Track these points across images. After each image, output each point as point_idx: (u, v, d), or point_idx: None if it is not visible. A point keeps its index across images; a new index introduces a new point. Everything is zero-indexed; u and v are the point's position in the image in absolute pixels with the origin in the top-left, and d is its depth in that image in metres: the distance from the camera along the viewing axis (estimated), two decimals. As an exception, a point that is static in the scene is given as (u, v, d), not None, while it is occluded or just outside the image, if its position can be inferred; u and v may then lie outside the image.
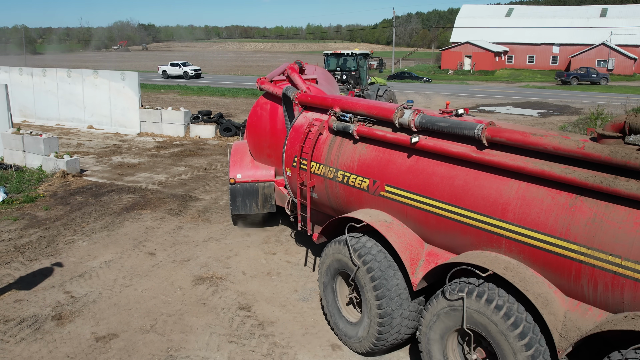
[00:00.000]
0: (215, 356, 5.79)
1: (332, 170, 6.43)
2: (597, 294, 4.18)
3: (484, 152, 4.83)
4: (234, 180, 9.13)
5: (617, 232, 3.96)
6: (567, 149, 4.21)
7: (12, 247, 8.69)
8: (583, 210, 4.17)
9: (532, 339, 4.30)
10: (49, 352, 5.83)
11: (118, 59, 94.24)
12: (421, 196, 5.35)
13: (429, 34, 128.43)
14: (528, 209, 4.49)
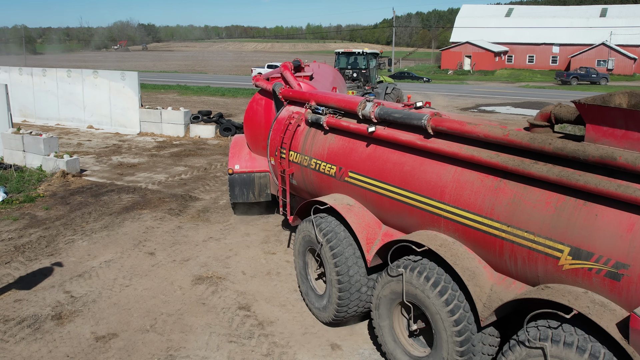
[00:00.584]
0: (214, 356, 5.80)
1: (307, 159, 7.07)
2: (517, 268, 4.61)
3: (429, 140, 5.31)
4: (232, 171, 9.58)
5: (532, 211, 4.38)
6: (494, 136, 4.66)
7: (12, 247, 8.70)
8: (505, 191, 4.62)
9: (456, 306, 4.77)
10: (49, 352, 5.84)
11: (118, 58, 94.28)
12: (377, 181, 5.88)
13: (429, 34, 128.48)
14: (461, 191, 4.97)
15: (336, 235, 6.11)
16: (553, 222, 4.26)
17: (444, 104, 31.02)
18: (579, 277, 4.16)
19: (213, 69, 69.17)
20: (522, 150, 4.49)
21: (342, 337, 6.19)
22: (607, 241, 3.97)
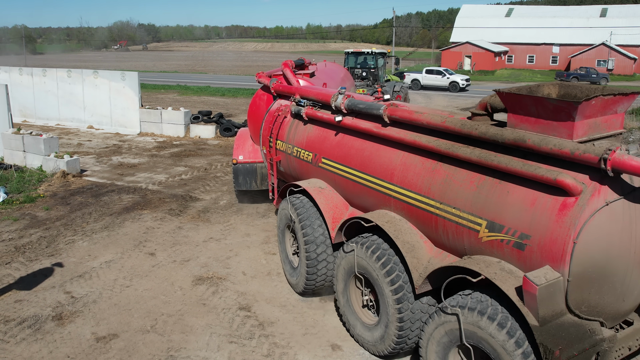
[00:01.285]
0: (215, 356, 5.80)
1: (290, 147, 7.83)
2: (449, 241, 5.17)
3: (385, 128, 5.92)
4: (236, 161, 10.15)
5: (459, 189, 4.96)
6: (434, 123, 5.26)
7: (13, 247, 8.70)
8: (440, 172, 5.22)
9: (396, 276, 5.39)
10: (50, 352, 5.84)
11: (118, 58, 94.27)
12: (344, 166, 6.56)
13: (429, 34, 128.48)
14: (406, 173, 5.59)
15: (307, 214, 6.80)
16: (474, 198, 4.81)
17: (444, 104, 31.01)
18: (494, 248, 4.66)
19: (213, 69, 69.18)
20: (456, 135, 5.07)
21: (343, 337, 6.19)
22: (514, 215, 4.47)
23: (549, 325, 4.20)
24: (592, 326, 4.38)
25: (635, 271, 4.52)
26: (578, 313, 4.38)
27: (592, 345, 4.27)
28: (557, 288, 4.19)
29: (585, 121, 4.33)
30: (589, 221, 4.11)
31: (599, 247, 4.21)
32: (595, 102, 4.28)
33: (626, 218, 4.33)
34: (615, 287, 4.45)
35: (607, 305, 4.47)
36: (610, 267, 4.33)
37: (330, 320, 6.57)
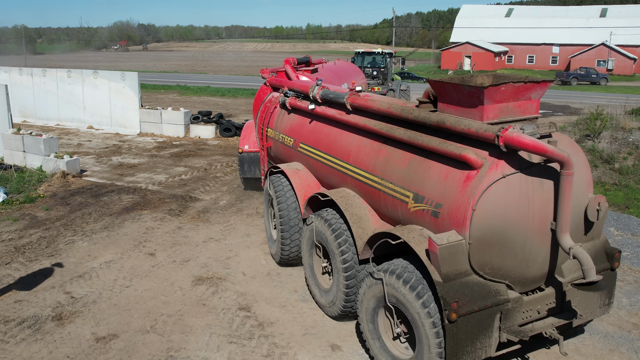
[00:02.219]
0: (215, 356, 5.81)
1: (277, 134, 8.62)
2: (389, 213, 5.83)
3: (348, 115, 6.61)
4: (242, 150, 10.88)
5: (395, 166, 5.64)
6: (382, 109, 5.93)
7: (13, 248, 8.70)
8: (383, 152, 5.90)
9: (344, 243, 6.12)
10: (49, 353, 5.85)
11: (118, 59, 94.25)
12: (315, 149, 7.31)
13: (428, 34, 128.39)
14: (359, 153, 6.28)
15: (283, 192, 7.69)
16: (405, 174, 5.48)
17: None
18: (418, 217, 5.30)
19: (213, 69, 69.17)
20: (398, 119, 5.74)
21: (342, 337, 6.19)
22: (432, 187, 5.11)
23: (452, 282, 4.73)
24: (497, 287, 4.93)
25: (535, 239, 4.93)
26: (482, 274, 4.89)
27: (495, 303, 4.83)
28: (459, 249, 4.73)
29: (496, 105, 4.87)
30: (486, 191, 4.64)
31: (496, 215, 4.71)
32: (505, 89, 4.80)
33: (523, 190, 4.77)
34: (516, 253, 4.90)
35: (511, 269, 4.96)
36: (509, 233, 4.79)
37: (330, 320, 6.57)
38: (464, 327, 4.72)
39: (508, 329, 4.99)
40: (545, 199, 4.88)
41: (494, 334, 4.92)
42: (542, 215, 4.90)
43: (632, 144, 13.75)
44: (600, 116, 14.77)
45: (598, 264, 5.28)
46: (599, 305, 5.54)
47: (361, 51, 25.44)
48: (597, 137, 14.55)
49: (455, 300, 4.61)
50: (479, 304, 4.74)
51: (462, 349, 4.76)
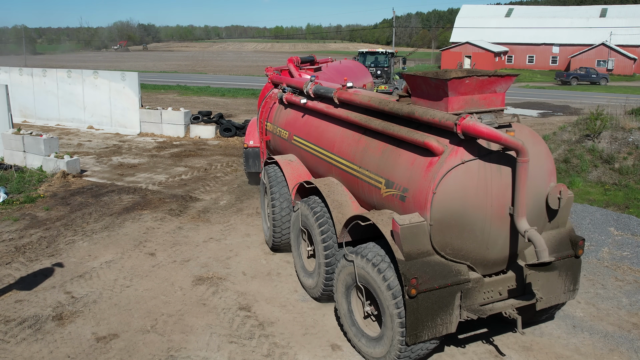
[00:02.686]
0: (215, 356, 5.81)
1: (275, 127, 9.06)
2: (366, 199, 6.20)
3: (336, 108, 6.97)
4: (247, 146, 11.21)
5: (371, 155, 6.01)
6: (363, 102, 6.28)
7: (13, 248, 8.71)
8: (362, 142, 6.27)
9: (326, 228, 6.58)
10: (50, 353, 5.85)
11: (118, 59, 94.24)
12: (307, 141, 7.70)
13: (428, 34, 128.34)
14: (342, 144, 6.68)
15: (276, 181, 8.14)
16: (379, 162, 5.83)
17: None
18: (389, 202, 5.62)
19: (213, 69, 69.17)
20: (376, 111, 6.10)
21: (343, 337, 6.20)
22: (401, 173, 5.45)
23: (414, 260, 5.09)
24: (458, 267, 5.26)
25: (494, 223, 5.22)
26: (444, 255, 5.23)
27: (455, 282, 5.18)
28: (421, 230, 5.06)
29: (460, 97, 5.17)
30: (446, 176, 4.97)
31: (455, 198, 5.02)
32: (469, 82, 5.10)
33: (482, 176, 5.07)
34: (475, 235, 5.21)
35: (471, 251, 5.28)
36: (468, 216, 5.11)
37: (330, 320, 6.58)
38: (424, 303, 5.06)
39: (468, 307, 5.32)
40: (503, 185, 5.17)
41: (455, 312, 5.25)
42: (501, 200, 5.18)
43: (632, 144, 13.76)
44: (600, 116, 14.77)
45: (562, 251, 5.67)
46: (564, 290, 5.81)
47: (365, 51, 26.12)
48: (597, 137, 14.56)
49: (414, 277, 4.97)
50: (440, 282, 5.10)
51: (422, 324, 5.10)
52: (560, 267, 5.68)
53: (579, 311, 6.81)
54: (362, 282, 5.57)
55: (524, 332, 5.79)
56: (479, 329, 6.12)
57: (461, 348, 5.97)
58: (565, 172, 13.51)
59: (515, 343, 6.09)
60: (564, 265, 5.71)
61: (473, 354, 5.88)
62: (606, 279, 7.70)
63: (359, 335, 5.86)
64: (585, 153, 14.13)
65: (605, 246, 8.72)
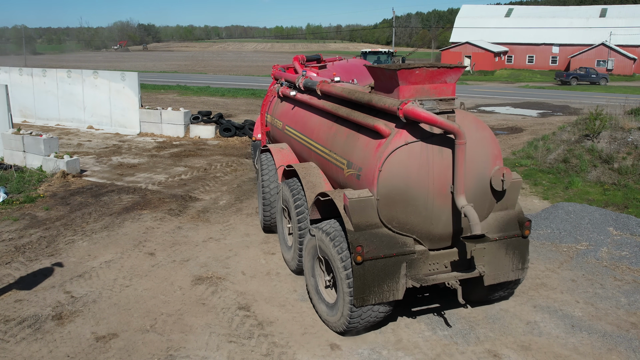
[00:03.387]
0: (214, 356, 5.82)
1: (273, 119, 9.84)
2: (334, 179, 6.86)
3: (319, 100, 7.58)
4: (255, 138, 11.79)
5: (339, 139, 6.69)
6: (338, 93, 6.91)
7: (13, 247, 8.72)
8: (333, 128, 6.96)
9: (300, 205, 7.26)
10: (49, 352, 5.86)
11: (118, 59, 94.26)
12: (295, 130, 8.40)
13: (428, 34, 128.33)
14: (319, 131, 7.34)
15: (267, 167, 8.91)
16: (344, 145, 6.48)
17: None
18: (350, 181, 6.25)
19: (213, 69, 69.20)
20: (346, 100, 6.78)
21: (342, 337, 6.21)
22: (358, 154, 6.10)
23: (362, 231, 5.66)
24: (404, 240, 5.80)
25: (436, 200, 5.72)
26: (391, 228, 5.77)
27: (400, 253, 5.73)
28: (369, 204, 5.63)
29: (411, 86, 5.70)
30: (390, 155, 5.54)
31: (399, 176, 5.58)
32: (419, 72, 5.64)
33: (424, 156, 5.60)
34: (419, 210, 5.72)
35: (416, 225, 5.80)
36: (411, 193, 5.64)
37: (329, 319, 6.59)
38: (370, 270, 5.64)
39: (413, 276, 5.85)
40: (444, 165, 5.66)
41: (401, 280, 5.79)
42: (442, 179, 5.68)
43: (631, 144, 13.77)
44: (599, 116, 14.79)
45: (510, 230, 6.14)
46: (512, 268, 6.24)
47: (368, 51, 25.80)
48: (596, 137, 14.57)
49: (360, 245, 5.55)
50: (385, 252, 5.66)
51: (368, 289, 5.68)
52: (507, 246, 6.14)
53: (577, 311, 6.82)
54: (322, 254, 6.20)
55: (464, 302, 6.28)
56: (432, 304, 6.73)
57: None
58: (564, 172, 13.53)
59: (514, 342, 6.10)
60: (511, 244, 6.15)
61: (472, 353, 5.90)
62: (605, 279, 7.72)
63: (320, 303, 6.46)
64: (585, 153, 14.15)
65: (604, 246, 8.73)
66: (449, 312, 6.71)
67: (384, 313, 6.03)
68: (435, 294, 7.11)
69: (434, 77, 5.72)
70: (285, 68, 10.65)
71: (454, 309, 6.79)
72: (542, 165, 14.34)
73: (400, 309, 6.66)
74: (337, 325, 6.12)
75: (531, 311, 6.81)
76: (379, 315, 6.00)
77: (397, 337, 6.18)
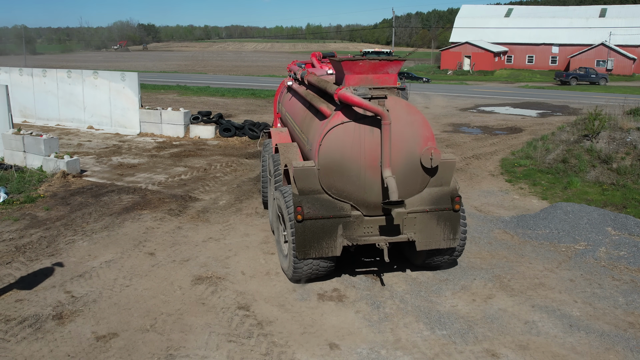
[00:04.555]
0: (214, 355, 5.85)
1: (281, 107, 11.02)
2: (303, 154, 7.80)
3: (306, 89, 8.63)
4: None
5: (307, 120, 7.80)
6: (313, 82, 8.02)
7: (13, 247, 8.75)
8: (306, 112, 8.07)
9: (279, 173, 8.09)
10: (50, 352, 5.89)
11: (118, 59, 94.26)
12: (289, 115, 9.51)
13: (428, 34, 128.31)
14: (299, 114, 8.48)
15: (268, 147, 10.04)
16: (308, 125, 7.66)
17: (443, 104, 31.06)
18: (309, 154, 7.17)
19: (213, 69, 69.21)
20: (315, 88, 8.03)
21: (341, 336, 6.24)
22: (312, 132, 7.21)
23: (306, 195, 6.79)
24: (342, 205, 6.87)
25: (368, 172, 6.74)
26: (331, 194, 6.86)
27: (337, 215, 6.83)
28: (311, 173, 6.72)
29: (356, 76, 6.77)
30: (329, 132, 6.63)
31: (335, 149, 6.64)
32: (363, 64, 6.67)
33: (357, 134, 6.64)
34: (353, 180, 6.77)
35: (352, 193, 6.84)
36: (345, 164, 6.70)
37: (329, 319, 6.62)
38: (310, 228, 6.75)
39: (348, 236, 6.90)
40: (374, 142, 6.64)
41: (338, 239, 6.87)
42: (373, 154, 6.67)
43: (630, 144, 13.80)
44: (598, 116, 14.81)
45: (442, 204, 7.07)
46: (443, 237, 7.15)
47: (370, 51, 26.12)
48: (596, 137, 14.60)
49: (300, 206, 6.68)
50: (323, 213, 6.78)
51: (308, 244, 6.79)
52: (439, 217, 7.09)
53: (575, 310, 6.85)
54: (279, 211, 7.42)
55: (389, 260, 7.21)
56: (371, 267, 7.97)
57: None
58: (563, 172, 13.56)
59: (512, 342, 6.13)
60: (442, 216, 7.08)
61: (470, 353, 5.93)
62: (603, 279, 7.75)
63: (280, 253, 7.74)
64: (584, 153, 14.18)
65: (602, 246, 8.76)
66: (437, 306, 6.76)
67: (325, 268, 7.15)
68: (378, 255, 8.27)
69: (377, 68, 6.73)
70: (303, 63, 11.60)
71: (393, 272, 7.95)
72: (541, 165, 14.38)
73: (349, 269, 7.92)
74: (287, 274, 7.45)
75: (529, 311, 6.84)
76: (320, 269, 7.13)
77: (395, 337, 6.21)
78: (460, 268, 8.09)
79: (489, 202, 11.52)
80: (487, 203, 11.48)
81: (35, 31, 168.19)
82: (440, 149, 7.23)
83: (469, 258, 8.46)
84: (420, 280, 7.70)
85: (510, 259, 8.49)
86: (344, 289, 7.38)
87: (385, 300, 7.09)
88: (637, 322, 6.60)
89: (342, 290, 7.37)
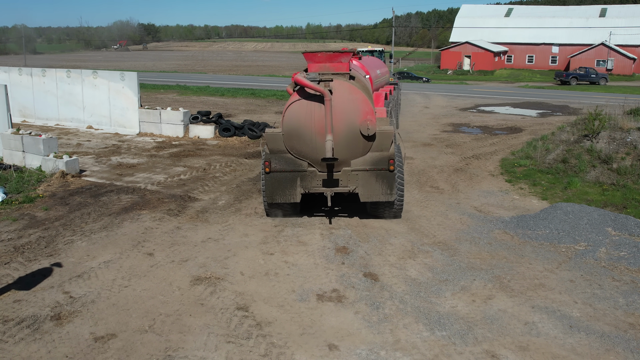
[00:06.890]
0: (213, 356, 5.83)
1: None
2: None
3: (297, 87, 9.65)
4: None
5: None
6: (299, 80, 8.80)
7: (12, 248, 8.72)
8: None
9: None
10: (48, 352, 5.87)
11: (117, 58, 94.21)
12: None
13: (428, 33, 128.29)
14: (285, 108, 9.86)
15: None
16: None
17: (443, 104, 31.03)
18: None
19: (213, 68, 69.17)
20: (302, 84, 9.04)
21: (340, 337, 6.22)
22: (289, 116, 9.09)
23: (274, 154, 9.28)
24: (300, 162, 9.28)
25: (318, 137, 8.91)
26: (293, 154, 9.26)
27: (296, 170, 9.28)
28: (278, 137, 9.18)
29: (316, 64, 8.93)
30: (289, 107, 8.99)
31: (294, 119, 8.97)
32: (321, 55, 8.91)
33: (309, 108, 8.86)
34: (307, 143, 9.04)
35: (307, 153, 9.15)
36: (301, 130, 8.98)
37: (328, 320, 6.60)
38: (276, 179, 9.33)
39: (305, 186, 9.35)
40: (322, 114, 8.78)
41: (298, 189, 9.38)
42: (321, 123, 8.84)
43: (630, 144, 13.77)
44: (598, 116, 14.78)
45: (380, 165, 9.18)
46: (382, 192, 9.33)
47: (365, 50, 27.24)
48: (596, 137, 14.57)
49: (268, 161, 9.25)
50: (285, 168, 9.29)
51: (275, 192, 9.42)
52: (377, 176, 9.25)
53: (575, 311, 6.83)
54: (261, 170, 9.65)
55: (330, 206, 9.71)
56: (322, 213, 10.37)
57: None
58: (563, 172, 13.53)
59: (512, 343, 6.11)
60: (380, 175, 9.24)
61: (470, 354, 5.90)
62: (603, 279, 7.72)
63: (262, 198, 9.89)
64: (584, 153, 14.15)
65: (602, 246, 8.74)
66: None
67: (289, 210, 10.00)
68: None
69: (332, 58, 8.90)
70: None
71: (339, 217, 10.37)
72: (541, 166, 14.35)
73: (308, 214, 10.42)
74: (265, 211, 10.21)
75: (529, 312, 6.82)
76: (285, 212, 10.06)
77: (395, 338, 6.19)
78: (460, 268, 8.07)
79: (488, 203, 11.50)
80: (487, 203, 11.45)
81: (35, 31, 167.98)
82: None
83: (468, 258, 8.44)
84: (419, 280, 7.67)
85: (510, 259, 8.47)
86: (343, 290, 7.37)
87: (384, 301, 7.07)
88: (638, 323, 6.57)
89: (342, 290, 7.35)
